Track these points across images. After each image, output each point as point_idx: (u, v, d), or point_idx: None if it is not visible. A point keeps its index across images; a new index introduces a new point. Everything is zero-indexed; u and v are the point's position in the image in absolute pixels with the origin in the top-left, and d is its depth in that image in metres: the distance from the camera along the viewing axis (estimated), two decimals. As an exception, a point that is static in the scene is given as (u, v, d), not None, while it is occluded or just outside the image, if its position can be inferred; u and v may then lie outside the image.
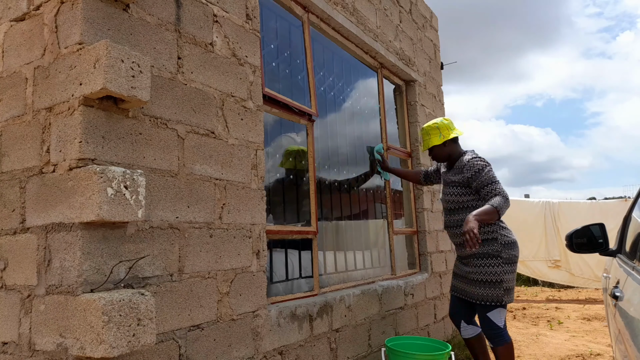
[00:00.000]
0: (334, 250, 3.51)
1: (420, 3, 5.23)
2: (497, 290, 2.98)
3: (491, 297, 2.99)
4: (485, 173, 3.02)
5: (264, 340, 2.38)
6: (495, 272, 2.99)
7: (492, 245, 3.02)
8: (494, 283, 2.98)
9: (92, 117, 1.68)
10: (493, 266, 3.00)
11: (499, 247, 3.01)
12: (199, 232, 2.08)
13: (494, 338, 3.02)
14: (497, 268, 2.99)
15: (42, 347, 1.67)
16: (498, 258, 3.00)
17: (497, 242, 3.02)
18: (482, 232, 3.02)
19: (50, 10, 1.82)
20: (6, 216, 1.88)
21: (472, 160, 3.08)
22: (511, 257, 3.03)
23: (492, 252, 3.02)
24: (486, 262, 3.02)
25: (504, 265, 3.00)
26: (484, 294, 3.01)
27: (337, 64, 3.88)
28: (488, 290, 3.00)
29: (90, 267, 1.61)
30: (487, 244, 3.04)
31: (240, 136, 2.38)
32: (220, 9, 2.35)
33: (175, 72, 2.06)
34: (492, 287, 2.99)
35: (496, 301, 2.97)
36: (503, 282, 2.98)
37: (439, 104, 5.45)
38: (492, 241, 3.04)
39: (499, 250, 3.01)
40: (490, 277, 2.99)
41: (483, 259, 3.04)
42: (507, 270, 3.00)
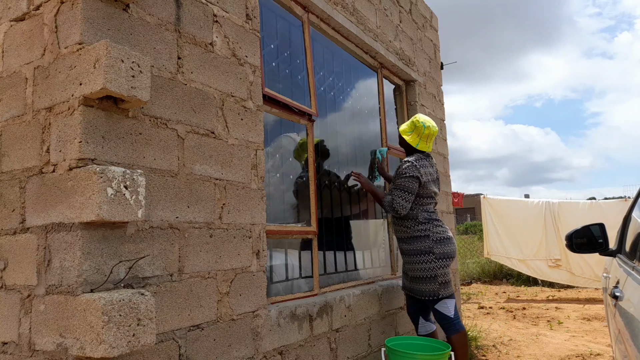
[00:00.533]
0: (334, 250, 3.51)
1: (420, 3, 5.23)
2: (433, 285, 3.18)
3: (429, 292, 3.19)
4: (401, 176, 3.26)
5: (264, 340, 2.38)
6: (429, 268, 3.19)
7: (424, 242, 3.22)
8: (429, 278, 3.19)
9: (92, 117, 1.68)
10: (426, 262, 3.21)
11: (430, 244, 3.21)
12: (199, 232, 2.08)
13: (447, 328, 3.22)
14: (430, 264, 3.19)
15: (42, 347, 1.67)
16: (430, 254, 3.20)
17: (429, 239, 3.23)
18: (415, 229, 3.25)
19: (50, 10, 1.82)
20: (6, 216, 1.88)
21: (403, 163, 3.33)
22: (444, 253, 3.22)
23: (424, 248, 3.22)
24: (419, 258, 3.23)
25: (437, 261, 3.19)
26: (423, 289, 3.21)
27: (337, 64, 3.88)
28: (425, 285, 3.20)
29: (90, 267, 1.61)
30: (419, 241, 3.24)
31: (240, 136, 2.38)
32: (220, 9, 2.35)
33: (175, 72, 2.06)
34: (428, 282, 3.19)
35: (433, 295, 3.18)
36: (437, 276, 3.18)
37: (439, 104, 5.45)
38: (424, 238, 3.23)
39: (430, 247, 3.20)
40: (425, 272, 3.20)
41: (417, 255, 3.24)
42: (440, 265, 3.20)
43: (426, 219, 3.28)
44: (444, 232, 3.28)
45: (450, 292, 3.23)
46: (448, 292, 3.22)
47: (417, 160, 3.31)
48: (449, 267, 3.27)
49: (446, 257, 3.23)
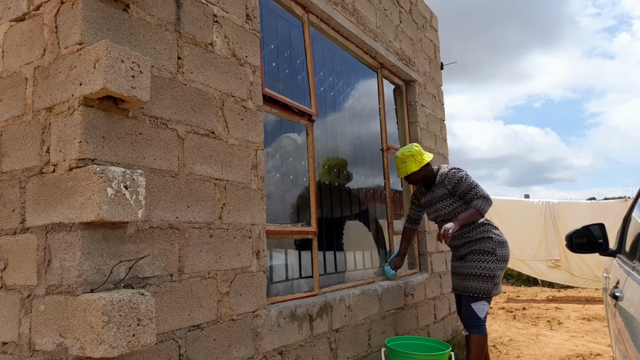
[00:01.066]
0: (334, 250, 3.51)
1: (420, 3, 5.23)
2: (488, 284, 3.23)
3: (480, 290, 3.24)
4: (465, 180, 3.29)
5: (263, 341, 2.38)
6: (490, 268, 3.24)
7: (488, 243, 3.28)
8: (486, 277, 3.23)
9: (92, 117, 1.68)
10: (488, 262, 3.26)
11: (494, 245, 3.27)
12: (199, 232, 2.08)
13: (472, 327, 3.23)
14: (491, 264, 3.25)
15: (42, 347, 1.67)
16: (493, 255, 3.26)
17: (493, 241, 3.29)
18: (479, 231, 3.31)
19: (50, 11, 1.82)
20: (6, 216, 1.88)
21: (451, 172, 3.35)
22: (504, 256, 3.31)
23: (488, 249, 3.27)
24: (482, 257, 3.28)
25: (498, 262, 3.26)
26: (475, 286, 3.25)
27: (337, 64, 3.88)
28: (479, 283, 3.24)
29: (90, 267, 1.61)
30: (483, 242, 3.30)
31: (240, 136, 2.38)
32: (220, 9, 2.35)
33: (175, 72, 2.06)
34: (484, 281, 3.23)
35: (485, 293, 3.23)
36: (495, 277, 3.24)
37: (439, 104, 5.45)
38: (488, 240, 3.30)
39: (494, 248, 3.27)
40: (485, 271, 3.25)
41: (480, 254, 3.29)
42: (500, 267, 3.27)
43: (483, 222, 3.37)
44: (502, 236, 3.40)
45: (499, 292, 3.36)
46: (498, 291, 3.33)
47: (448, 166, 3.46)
48: (504, 270, 3.38)
49: (504, 259, 3.33)
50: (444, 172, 3.40)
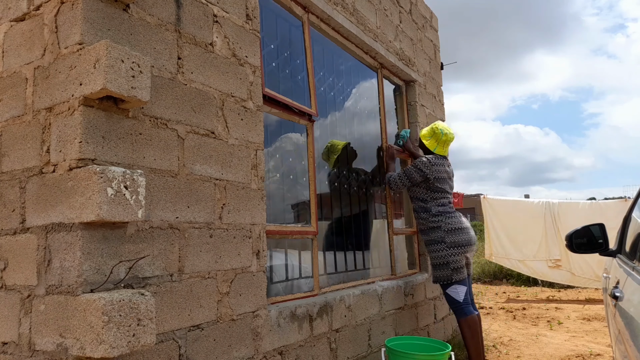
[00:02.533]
0: (334, 250, 3.51)
1: (420, 3, 5.23)
2: (446, 271, 3.57)
3: (441, 277, 3.59)
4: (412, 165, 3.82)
5: (263, 341, 2.38)
6: (442, 256, 3.59)
7: (437, 233, 3.66)
8: (442, 265, 3.59)
9: (92, 117, 1.68)
10: (439, 250, 3.62)
11: (442, 234, 3.63)
12: (199, 232, 2.08)
13: (456, 312, 3.58)
14: (442, 252, 3.59)
15: (42, 347, 1.67)
16: (442, 243, 3.62)
17: (441, 230, 3.65)
18: (429, 221, 3.72)
19: (51, 11, 1.82)
20: (6, 216, 1.88)
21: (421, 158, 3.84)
22: (456, 242, 3.61)
23: (437, 238, 3.65)
24: (434, 247, 3.66)
25: (449, 249, 3.57)
26: (436, 275, 3.64)
27: (337, 64, 3.88)
28: (438, 271, 3.62)
29: (90, 267, 1.61)
30: (432, 232, 3.69)
31: (240, 136, 2.38)
32: (221, 9, 2.35)
33: (175, 72, 2.06)
34: (441, 269, 3.59)
35: (447, 280, 3.56)
36: (449, 263, 3.55)
37: (439, 104, 5.45)
38: (437, 229, 3.67)
39: (442, 237, 3.62)
40: (438, 260, 3.61)
41: (431, 245, 3.69)
42: (453, 253, 3.57)
43: (439, 212, 3.70)
44: (456, 224, 3.66)
45: (461, 277, 3.55)
46: (459, 277, 3.54)
47: (432, 159, 3.79)
48: (461, 255, 3.59)
49: (457, 245, 3.59)
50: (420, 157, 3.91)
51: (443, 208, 3.75)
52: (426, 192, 3.78)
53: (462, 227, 3.69)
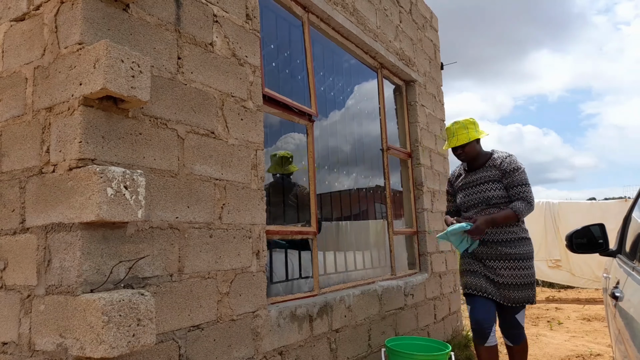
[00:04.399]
0: (334, 250, 3.51)
1: (420, 3, 5.23)
2: (532, 291, 2.94)
3: (527, 299, 2.93)
4: (521, 173, 2.97)
5: (263, 341, 2.38)
6: (531, 274, 2.95)
7: (529, 246, 2.98)
8: (530, 285, 2.93)
9: (92, 117, 1.68)
10: (529, 268, 2.95)
11: (532, 248, 2.99)
12: (199, 232, 2.08)
13: (517, 337, 3.00)
14: (532, 270, 2.96)
15: (42, 347, 1.67)
16: (531, 259, 2.97)
17: (530, 243, 2.99)
18: (521, 230, 2.98)
19: (50, 10, 1.82)
20: (6, 216, 1.88)
21: (511, 158, 3.02)
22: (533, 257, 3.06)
23: (529, 253, 2.97)
24: (524, 264, 2.94)
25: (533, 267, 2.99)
26: (523, 296, 2.91)
27: (337, 64, 3.88)
28: (526, 292, 2.92)
29: (90, 267, 1.61)
30: (525, 244, 2.97)
31: (240, 136, 2.38)
32: (220, 9, 2.35)
33: (175, 72, 2.06)
34: (529, 289, 2.93)
35: (530, 301, 2.94)
36: (535, 282, 2.97)
37: (439, 104, 5.45)
38: (528, 241, 2.99)
39: (531, 251, 2.98)
40: (528, 279, 2.93)
41: (523, 260, 2.94)
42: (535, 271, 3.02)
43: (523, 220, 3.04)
44: None
45: None
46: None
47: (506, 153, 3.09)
48: None
49: None
50: (501, 156, 3.04)
51: None
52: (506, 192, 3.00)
53: None
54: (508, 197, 2.95)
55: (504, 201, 2.96)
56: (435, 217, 4.88)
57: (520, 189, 2.93)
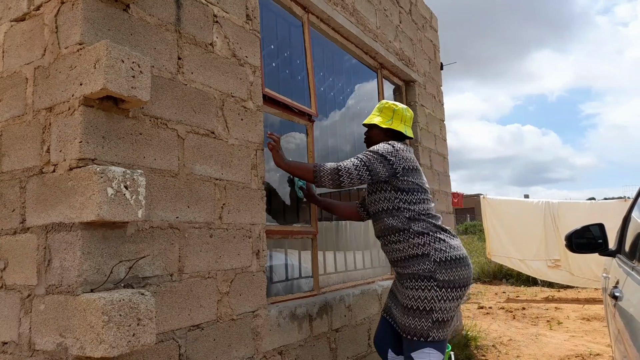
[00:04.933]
0: (333, 250, 3.51)
1: (420, 3, 5.24)
2: (424, 322, 2.31)
3: (415, 330, 2.33)
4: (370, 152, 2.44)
5: (263, 340, 2.38)
6: (425, 298, 2.33)
7: (424, 264, 2.37)
8: (421, 311, 2.33)
9: (92, 117, 1.68)
10: (423, 289, 2.34)
11: (431, 266, 2.35)
12: (199, 232, 2.08)
13: None
14: (428, 292, 2.33)
15: (42, 346, 1.67)
16: (431, 280, 2.34)
17: (430, 260, 2.36)
18: (412, 244, 2.41)
19: (51, 11, 1.82)
20: (6, 216, 1.88)
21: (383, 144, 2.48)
22: (452, 281, 2.33)
23: (422, 272, 2.36)
24: (417, 284, 2.37)
25: (438, 290, 2.32)
26: (409, 325, 2.35)
27: (337, 64, 3.88)
28: (413, 319, 2.34)
29: (90, 267, 1.61)
30: (417, 261, 2.39)
31: (240, 136, 2.38)
32: (221, 9, 2.36)
33: (176, 73, 2.06)
34: (419, 317, 2.33)
35: (420, 336, 2.31)
36: (433, 311, 2.30)
37: (439, 104, 5.46)
38: (424, 258, 2.38)
39: (431, 270, 2.35)
40: (418, 302, 2.34)
41: (414, 280, 2.38)
42: (442, 297, 2.32)
43: (426, 228, 2.42)
44: (451, 250, 2.39)
45: (444, 335, 2.34)
46: (441, 335, 2.33)
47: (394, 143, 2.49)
48: (455, 302, 2.36)
49: (453, 286, 2.34)
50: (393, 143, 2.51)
51: (429, 220, 2.45)
52: (396, 194, 2.44)
53: (460, 256, 2.40)
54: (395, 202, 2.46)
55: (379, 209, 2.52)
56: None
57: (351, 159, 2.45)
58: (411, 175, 2.48)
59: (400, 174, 2.44)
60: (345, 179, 2.39)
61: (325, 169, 2.41)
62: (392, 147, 2.46)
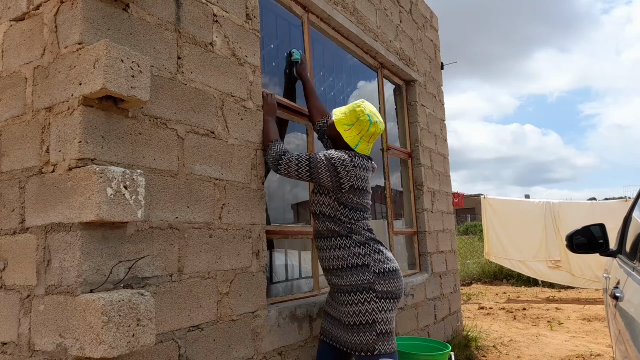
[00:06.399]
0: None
1: (421, 3, 5.23)
2: (368, 335, 2.28)
3: (361, 345, 2.29)
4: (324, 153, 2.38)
5: (263, 341, 2.38)
6: (366, 311, 2.30)
7: (363, 275, 2.33)
8: (364, 325, 2.29)
9: (92, 117, 1.67)
10: (363, 303, 2.31)
11: (371, 277, 2.32)
12: (199, 232, 2.08)
13: None
14: (367, 305, 2.30)
15: (42, 347, 1.67)
16: (370, 292, 2.31)
17: (369, 270, 2.34)
18: (352, 253, 2.36)
19: (50, 10, 1.82)
20: (5, 216, 1.88)
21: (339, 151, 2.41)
22: (389, 292, 2.34)
23: (362, 283, 2.32)
24: (355, 298, 2.33)
25: (378, 301, 2.30)
26: (354, 341, 2.31)
27: (337, 64, 3.88)
28: (357, 335, 2.31)
29: (89, 267, 1.61)
30: (357, 272, 2.34)
31: (240, 136, 2.38)
32: (220, 8, 2.35)
33: (175, 72, 2.06)
34: (362, 332, 2.29)
35: (366, 350, 2.28)
36: (375, 323, 2.28)
37: (439, 104, 5.45)
38: (363, 268, 2.34)
39: (371, 282, 2.32)
40: (360, 317, 2.30)
41: (352, 293, 2.34)
42: (383, 308, 2.31)
43: (366, 239, 2.40)
44: (387, 262, 2.38)
45: (391, 347, 2.31)
46: (388, 347, 2.29)
47: (354, 157, 2.38)
48: (392, 312, 2.36)
49: (391, 297, 2.35)
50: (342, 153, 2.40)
51: (369, 234, 2.43)
52: (338, 206, 2.38)
53: (394, 268, 2.40)
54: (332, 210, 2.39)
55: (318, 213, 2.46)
56: (435, 217, 4.88)
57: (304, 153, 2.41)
58: (357, 195, 2.40)
59: (345, 190, 2.36)
60: (282, 167, 2.37)
61: (275, 149, 2.39)
62: (349, 159, 2.35)
